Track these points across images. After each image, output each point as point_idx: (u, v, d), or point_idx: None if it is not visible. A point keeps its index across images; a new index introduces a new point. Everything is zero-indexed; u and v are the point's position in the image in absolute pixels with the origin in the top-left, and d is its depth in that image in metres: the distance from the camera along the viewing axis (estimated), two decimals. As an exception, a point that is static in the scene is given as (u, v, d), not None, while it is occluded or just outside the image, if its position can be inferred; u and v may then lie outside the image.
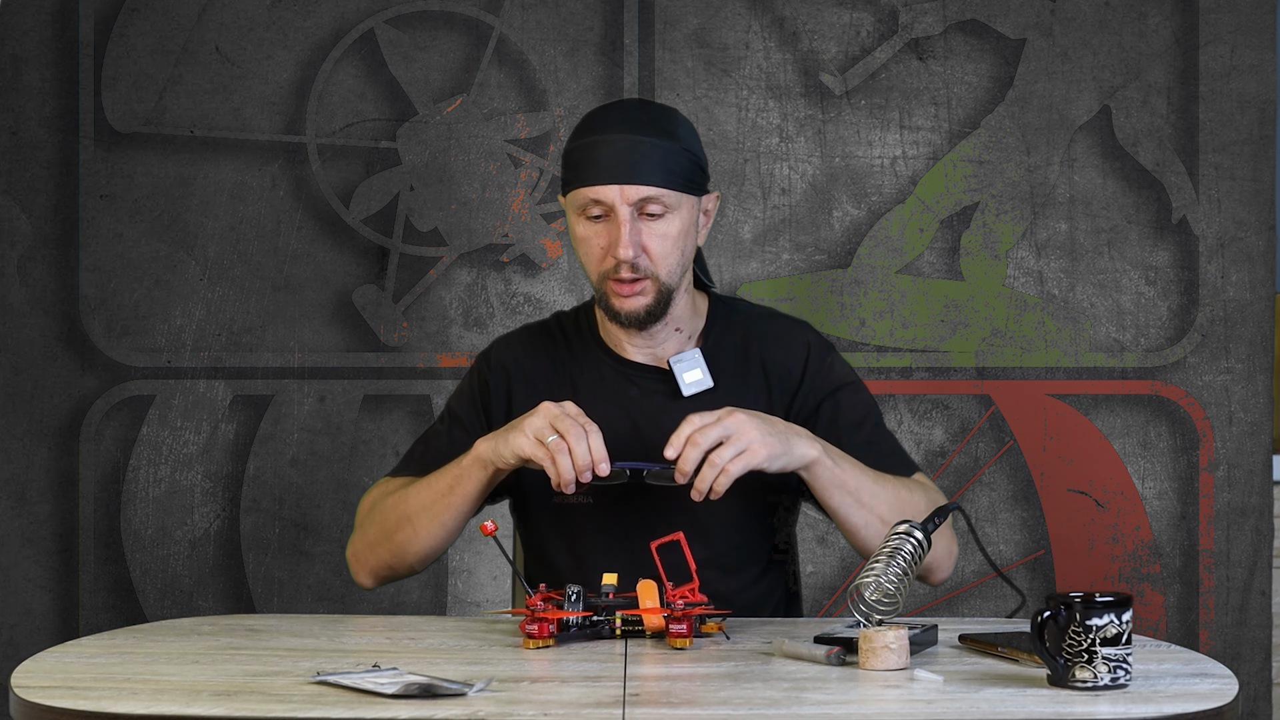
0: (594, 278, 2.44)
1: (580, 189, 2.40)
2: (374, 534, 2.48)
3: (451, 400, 2.58)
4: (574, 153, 2.42)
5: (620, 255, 2.38)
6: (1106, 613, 1.93)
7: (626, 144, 2.39)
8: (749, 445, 2.26)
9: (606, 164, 2.38)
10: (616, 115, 2.44)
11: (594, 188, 2.38)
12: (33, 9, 3.49)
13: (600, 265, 2.42)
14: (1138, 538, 3.53)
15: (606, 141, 2.39)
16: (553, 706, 1.89)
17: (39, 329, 3.51)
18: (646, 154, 2.39)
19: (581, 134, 2.43)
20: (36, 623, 3.51)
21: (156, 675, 2.03)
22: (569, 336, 2.56)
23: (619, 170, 2.38)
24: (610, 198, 2.38)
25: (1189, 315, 3.52)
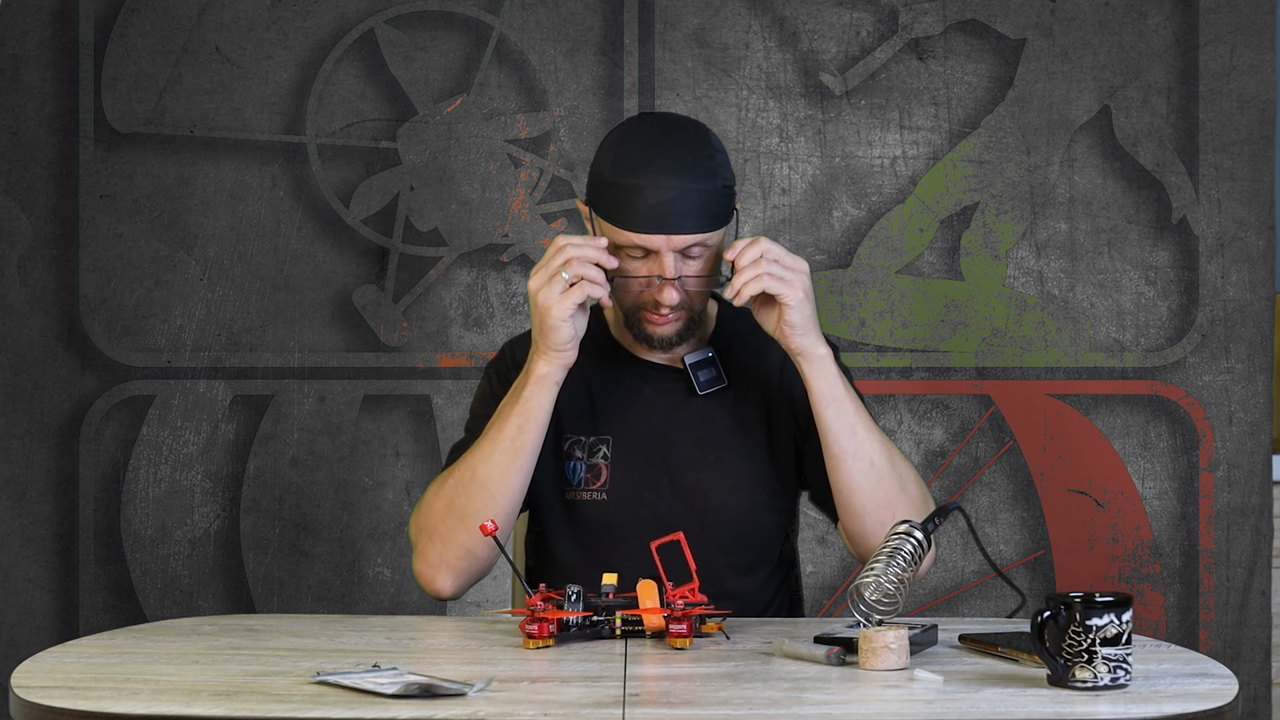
0: (626, 305, 2.44)
1: (626, 232, 2.38)
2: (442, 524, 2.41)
3: (475, 405, 2.56)
4: (617, 191, 2.38)
5: (666, 301, 2.39)
6: (1106, 613, 1.93)
7: (675, 193, 2.37)
8: (792, 281, 2.33)
9: (655, 213, 2.36)
10: (661, 156, 2.40)
11: (642, 235, 2.37)
12: (33, 9, 3.49)
13: (636, 299, 2.42)
14: (1138, 538, 3.53)
15: (655, 189, 2.36)
16: (553, 706, 1.89)
17: (39, 329, 3.51)
18: (694, 203, 2.38)
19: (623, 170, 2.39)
20: (36, 623, 3.51)
21: (156, 675, 2.03)
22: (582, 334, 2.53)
23: (667, 220, 2.37)
24: (657, 246, 2.37)
25: (1189, 315, 3.52)
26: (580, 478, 2.47)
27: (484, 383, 2.57)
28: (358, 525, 3.52)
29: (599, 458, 2.47)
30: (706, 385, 2.48)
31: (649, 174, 2.38)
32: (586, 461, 2.47)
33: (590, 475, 2.47)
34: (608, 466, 2.46)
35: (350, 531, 3.52)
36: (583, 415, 2.49)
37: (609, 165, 2.41)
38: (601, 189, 2.41)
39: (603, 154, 2.43)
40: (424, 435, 3.52)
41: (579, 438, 2.48)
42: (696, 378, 2.48)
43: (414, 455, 3.52)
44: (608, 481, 2.46)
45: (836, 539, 3.49)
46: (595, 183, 2.43)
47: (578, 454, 2.48)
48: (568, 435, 2.48)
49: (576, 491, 2.46)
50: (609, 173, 2.40)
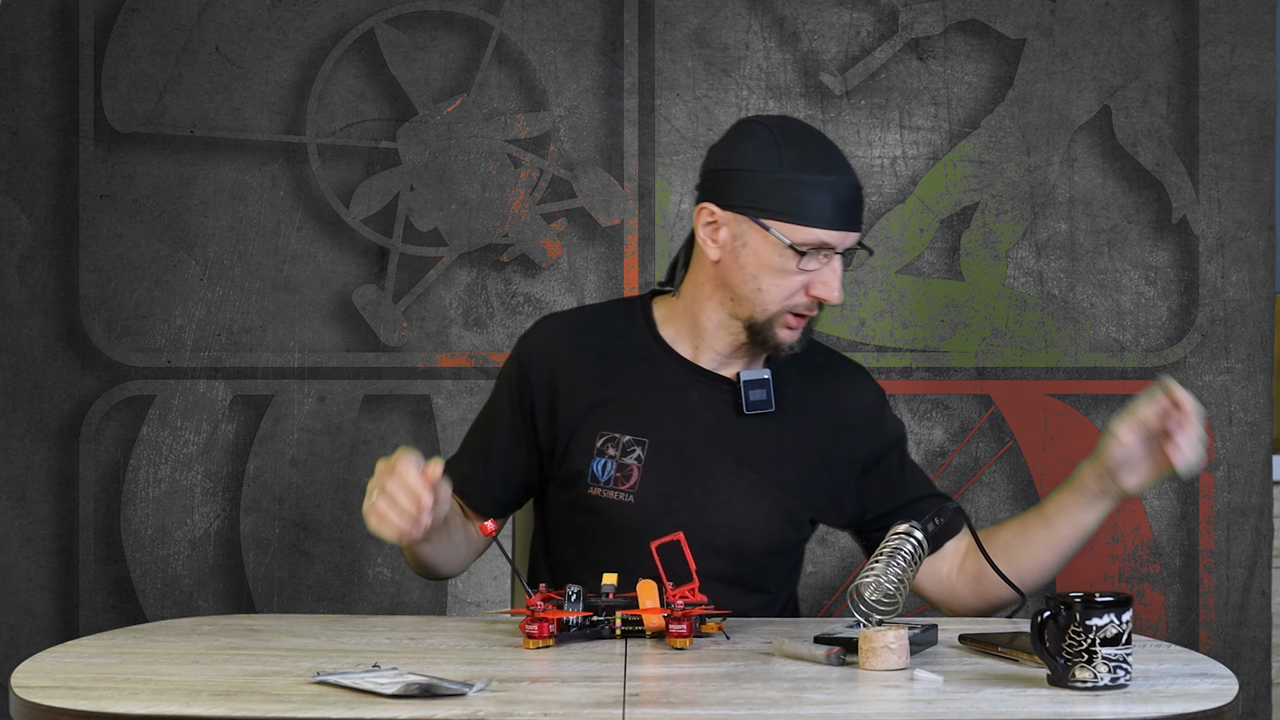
0: (774, 308, 2.39)
1: (814, 230, 2.35)
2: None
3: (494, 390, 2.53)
4: (801, 186, 2.35)
5: (835, 299, 2.37)
6: (1106, 613, 1.93)
7: (856, 190, 2.38)
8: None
9: (843, 209, 2.36)
10: (834, 155, 2.40)
11: (830, 232, 2.35)
12: (33, 9, 3.49)
13: (790, 300, 2.38)
14: (1138, 538, 3.53)
15: (843, 185, 2.37)
16: (553, 706, 1.89)
17: (39, 329, 3.51)
18: (861, 200, 2.40)
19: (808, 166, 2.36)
20: (36, 623, 3.51)
21: (156, 675, 2.03)
22: (620, 329, 2.50)
23: (850, 216, 2.37)
24: (836, 242, 2.36)
25: (1189, 315, 3.53)
26: (609, 476, 2.42)
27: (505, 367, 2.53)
28: (358, 525, 3.52)
29: (632, 459, 2.42)
30: (755, 406, 2.44)
31: (834, 170, 2.37)
32: (618, 460, 2.42)
33: (620, 475, 2.42)
34: (640, 469, 2.42)
35: (350, 531, 3.52)
36: (621, 413, 2.44)
37: (775, 163, 2.36)
38: (769, 186, 2.36)
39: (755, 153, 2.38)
40: (424, 435, 3.52)
41: (614, 435, 2.43)
42: (746, 396, 2.43)
43: (414, 455, 3.52)
44: (637, 484, 2.42)
45: (836, 539, 3.49)
46: (754, 181, 2.37)
47: (610, 451, 2.43)
48: (602, 432, 2.43)
49: (602, 489, 2.42)
50: (787, 169, 2.35)
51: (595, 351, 2.48)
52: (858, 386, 2.53)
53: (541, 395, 2.47)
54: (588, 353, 2.48)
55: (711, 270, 2.42)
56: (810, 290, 2.37)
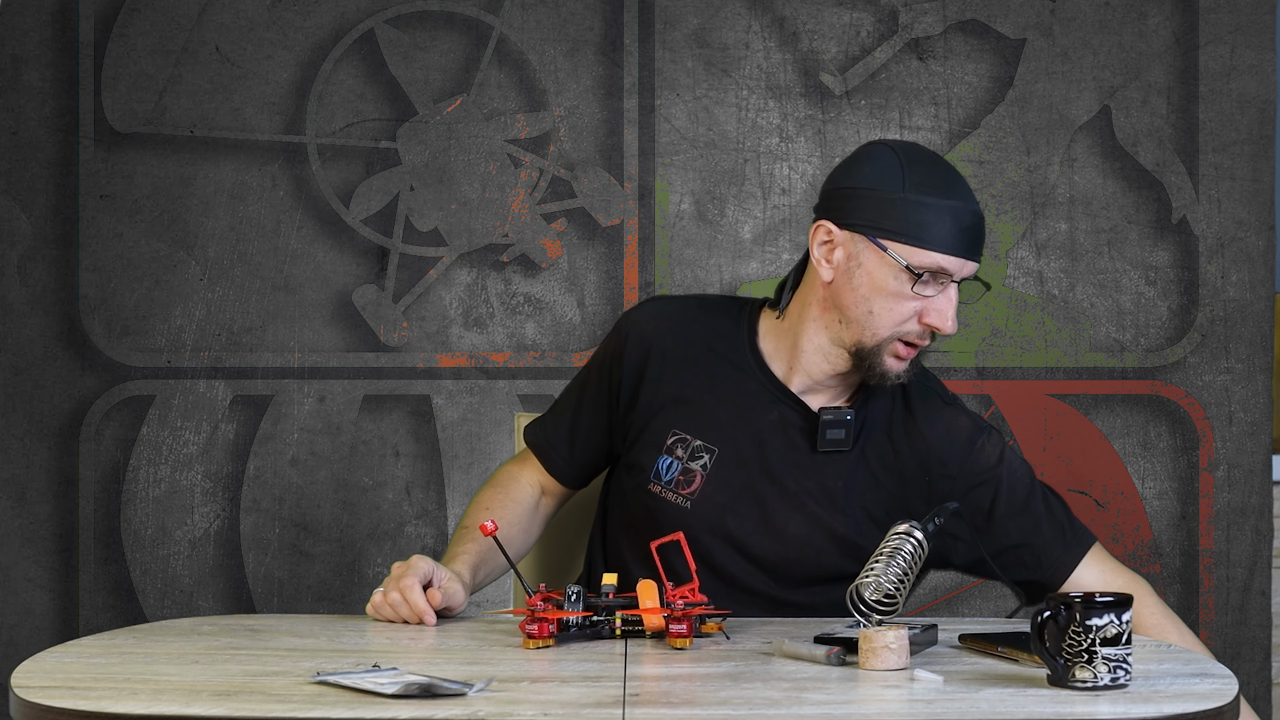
0: (885, 333, 2.33)
1: (933, 254, 2.29)
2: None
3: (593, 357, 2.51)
4: (923, 210, 2.30)
5: (949, 329, 2.31)
6: (1106, 613, 1.93)
7: (976, 217, 2.32)
8: None
9: (963, 235, 2.30)
10: (958, 180, 2.34)
11: (950, 258, 2.29)
12: (33, 9, 3.49)
13: (902, 326, 2.32)
14: (1138, 538, 3.53)
15: (967, 212, 2.31)
16: (553, 706, 1.89)
17: (39, 329, 3.51)
18: (983, 230, 2.34)
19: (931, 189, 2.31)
20: (36, 623, 3.51)
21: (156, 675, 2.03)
22: (723, 330, 2.45)
23: (970, 243, 2.31)
24: (955, 269, 2.30)
25: (1189, 315, 3.53)
26: (672, 477, 2.40)
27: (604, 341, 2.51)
28: (358, 525, 3.52)
29: (698, 465, 2.39)
30: (829, 444, 2.38)
31: (958, 196, 2.31)
32: (684, 463, 2.40)
33: (683, 478, 2.40)
34: (703, 476, 2.39)
35: (350, 531, 3.52)
36: (697, 415, 2.41)
37: (898, 183, 2.31)
38: (890, 206, 2.30)
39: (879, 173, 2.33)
40: (424, 435, 3.52)
41: (685, 436, 2.40)
42: (823, 433, 2.38)
43: (414, 455, 3.52)
44: (697, 491, 2.39)
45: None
46: (875, 200, 2.32)
47: (679, 452, 2.40)
48: (675, 430, 2.40)
49: (663, 488, 2.40)
50: (910, 190, 2.30)
51: (692, 346, 2.44)
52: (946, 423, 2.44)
53: (630, 376, 2.44)
54: (685, 345, 2.44)
55: (822, 291, 2.36)
56: (924, 318, 2.31)
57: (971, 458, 2.41)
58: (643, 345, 2.44)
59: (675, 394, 2.42)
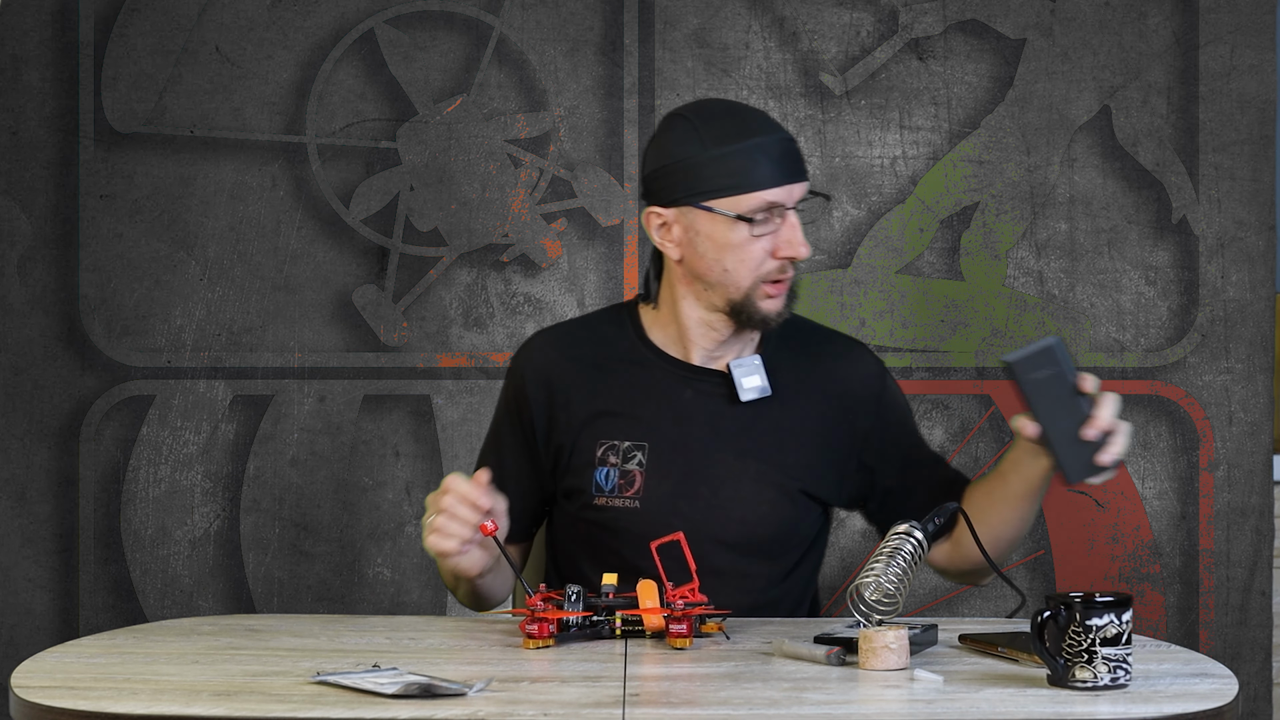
0: (746, 283, 2.39)
1: (752, 193, 2.35)
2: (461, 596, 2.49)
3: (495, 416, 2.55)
4: (726, 160, 2.36)
5: (802, 253, 2.37)
6: (1106, 613, 1.93)
7: (783, 143, 2.38)
8: None
9: (775, 165, 2.36)
10: (750, 117, 2.40)
11: (769, 190, 2.35)
12: (33, 9, 3.49)
13: (759, 269, 2.38)
14: (1138, 538, 3.53)
15: (767, 143, 2.36)
16: (553, 706, 1.89)
17: (39, 329, 3.51)
18: (796, 153, 2.39)
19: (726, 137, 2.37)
20: (36, 623, 3.51)
21: (156, 675, 2.03)
22: (610, 337, 2.51)
23: (787, 169, 2.37)
24: (781, 198, 2.36)
25: (1189, 315, 3.52)
26: (613, 484, 2.42)
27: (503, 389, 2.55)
28: (358, 525, 3.52)
29: (633, 464, 2.42)
30: (750, 392, 2.44)
31: (757, 132, 2.37)
32: (620, 467, 2.43)
33: (624, 482, 2.42)
34: (642, 474, 2.42)
35: (350, 531, 3.52)
36: (619, 420, 2.45)
37: (698, 145, 2.37)
38: (698, 169, 2.37)
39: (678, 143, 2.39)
40: (424, 435, 3.52)
41: (614, 443, 2.43)
42: (740, 384, 2.43)
43: (414, 455, 3.52)
44: (641, 489, 2.42)
45: (837, 539, 3.49)
46: (683, 169, 2.38)
47: (611, 460, 2.43)
48: (602, 441, 2.43)
49: (608, 498, 2.42)
50: (706, 149, 2.36)
51: (587, 362, 2.48)
52: (856, 360, 2.53)
53: (540, 412, 2.48)
54: (580, 364, 2.48)
55: (679, 270, 2.43)
56: (776, 253, 2.38)
57: (885, 395, 2.52)
58: (540, 379, 2.48)
59: (590, 410, 2.45)
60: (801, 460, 2.45)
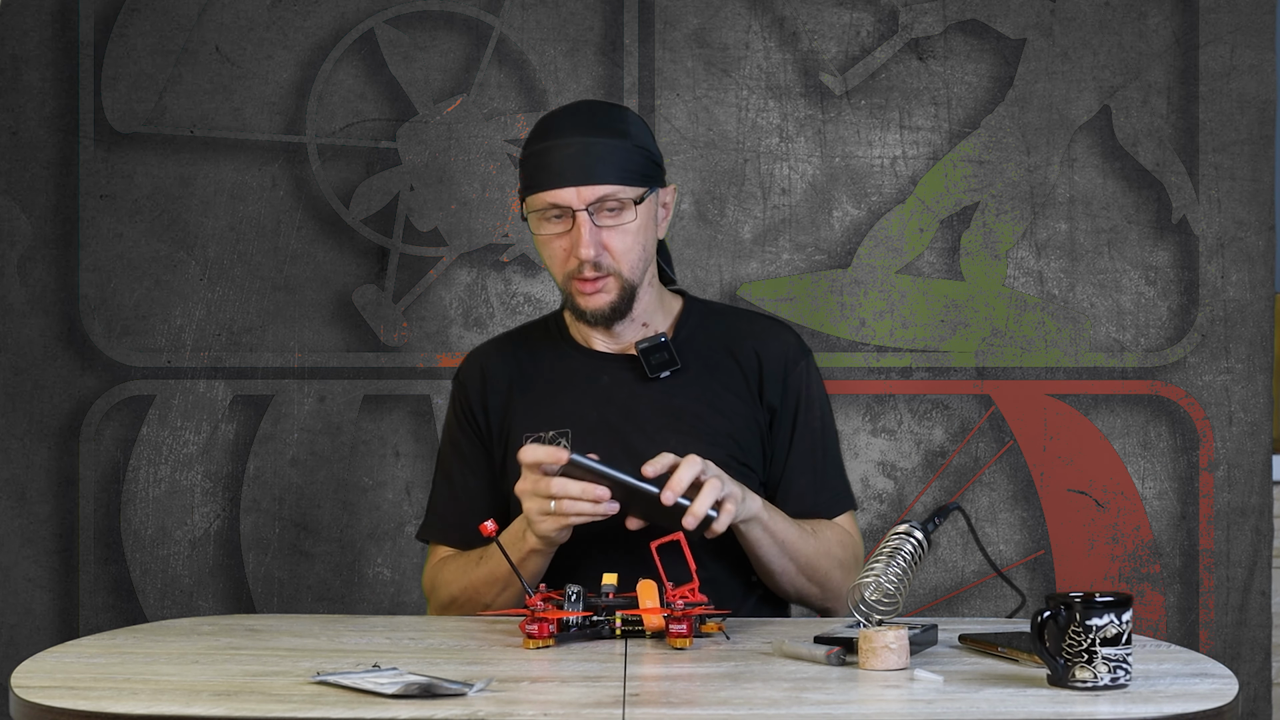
0: (559, 279, 2.49)
1: (538, 194, 2.45)
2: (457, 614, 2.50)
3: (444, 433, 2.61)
4: (529, 159, 2.47)
5: (582, 255, 2.43)
6: (1106, 613, 1.93)
7: (579, 146, 2.43)
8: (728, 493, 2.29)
9: (561, 167, 2.43)
10: (567, 119, 2.48)
11: (551, 192, 2.44)
12: (33, 9, 3.49)
13: (564, 267, 2.47)
14: (1138, 538, 3.53)
15: (560, 145, 2.44)
16: (553, 706, 1.89)
17: (39, 329, 3.51)
18: (599, 154, 2.43)
19: (535, 140, 2.48)
20: (36, 623, 3.51)
21: (156, 675, 2.03)
22: (535, 338, 2.61)
23: (574, 172, 2.43)
24: (567, 200, 2.43)
25: (1189, 315, 3.52)
26: None
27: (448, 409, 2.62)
28: (358, 525, 3.52)
29: None
30: (658, 367, 2.50)
31: (554, 135, 2.45)
32: None
33: None
34: None
35: (350, 531, 3.52)
36: (539, 411, 2.52)
37: (527, 143, 2.49)
38: (522, 170, 2.49)
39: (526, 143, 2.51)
40: (424, 435, 3.52)
41: (538, 435, 2.47)
42: (647, 360, 2.50)
43: (414, 455, 3.52)
44: None
45: (836, 539, 3.49)
46: (520, 171, 2.50)
47: None
48: (526, 435, 2.47)
49: None
50: (525, 148, 2.48)
51: (514, 365, 2.57)
52: (774, 337, 2.57)
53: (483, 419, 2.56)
54: (508, 367, 2.57)
55: None
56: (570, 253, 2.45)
57: (793, 374, 2.54)
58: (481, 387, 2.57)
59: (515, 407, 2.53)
60: (722, 429, 2.50)
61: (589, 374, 2.53)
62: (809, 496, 2.53)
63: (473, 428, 2.57)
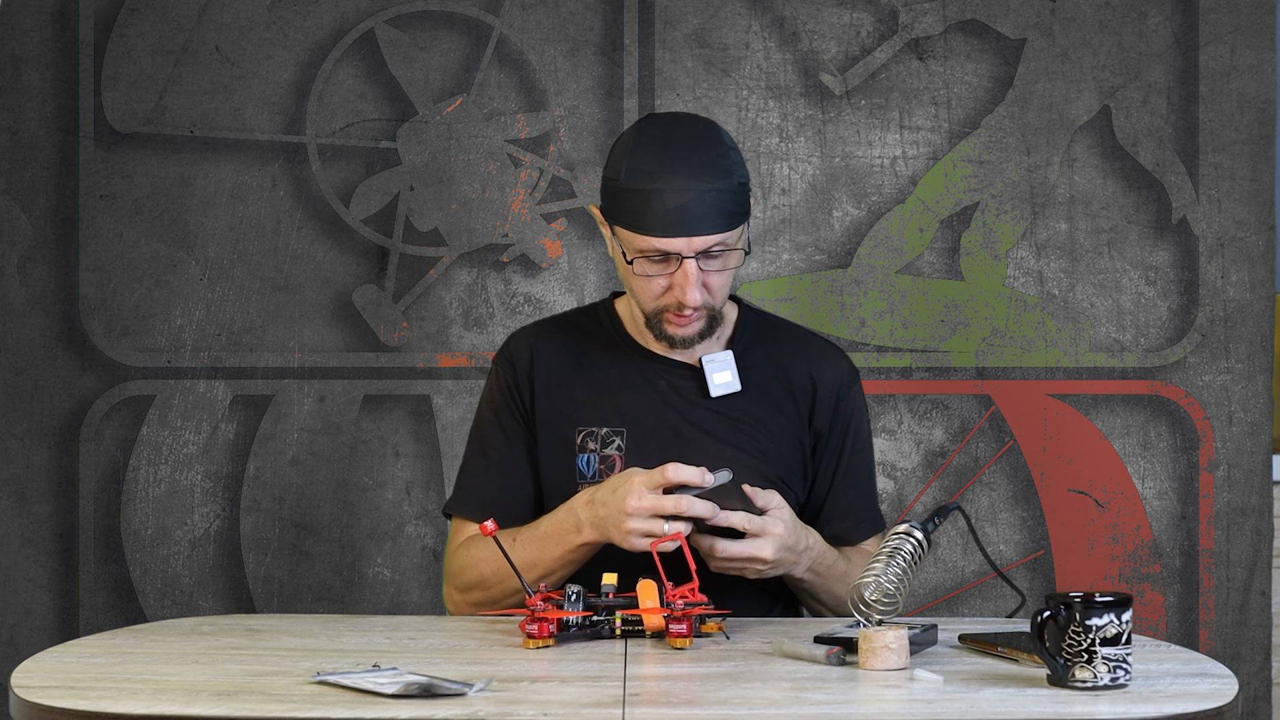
0: (647, 308, 2.44)
1: (645, 237, 2.38)
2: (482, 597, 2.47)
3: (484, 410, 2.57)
4: (634, 197, 2.38)
5: (690, 302, 2.39)
6: (1106, 613, 1.93)
7: (694, 194, 2.36)
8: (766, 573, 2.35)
9: (675, 216, 2.36)
10: (676, 159, 2.39)
11: (662, 239, 2.37)
12: (33, 9, 3.49)
13: (658, 301, 2.43)
14: (1138, 538, 3.53)
15: (672, 192, 2.36)
16: (553, 706, 1.89)
17: (39, 329, 3.51)
18: (712, 203, 2.37)
19: (639, 175, 2.38)
20: (36, 623, 3.51)
21: (156, 675, 2.03)
22: (589, 330, 2.56)
23: (688, 223, 2.37)
24: (678, 248, 2.38)
25: (1189, 315, 3.52)
26: (594, 470, 2.46)
27: (489, 385, 2.57)
28: (358, 525, 3.52)
29: (613, 449, 2.47)
30: (721, 388, 2.48)
31: (665, 177, 2.37)
32: (600, 453, 2.47)
33: (604, 467, 2.46)
34: (621, 458, 2.46)
35: (350, 531, 3.52)
36: (597, 408, 2.49)
37: (623, 172, 2.39)
38: (617, 195, 2.40)
39: (615, 160, 2.42)
40: (424, 435, 3.52)
41: (592, 430, 2.48)
42: (710, 379, 2.48)
43: (414, 455, 3.52)
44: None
45: (836, 539, 3.49)
46: (609, 189, 2.42)
47: (591, 446, 2.47)
48: (580, 428, 2.47)
49: (590, 484, 2.44)
50: (623, 179, 2.39)
51: (567, 355, 2.54)
52: (827, 361, 2.56)
53: (531, 400, 2.52)
54: (561, 357, 2.54)
55: None
56: (670, 293, 2.41)
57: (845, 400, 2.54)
58: (528, 368, 2.53)
59: (570, 399, 2.50)
60: (773, 451, 2.50)
61: (649, 376, 2.50)
62: (846, 522, 2.54)
63: (518, 405, 2.52)
